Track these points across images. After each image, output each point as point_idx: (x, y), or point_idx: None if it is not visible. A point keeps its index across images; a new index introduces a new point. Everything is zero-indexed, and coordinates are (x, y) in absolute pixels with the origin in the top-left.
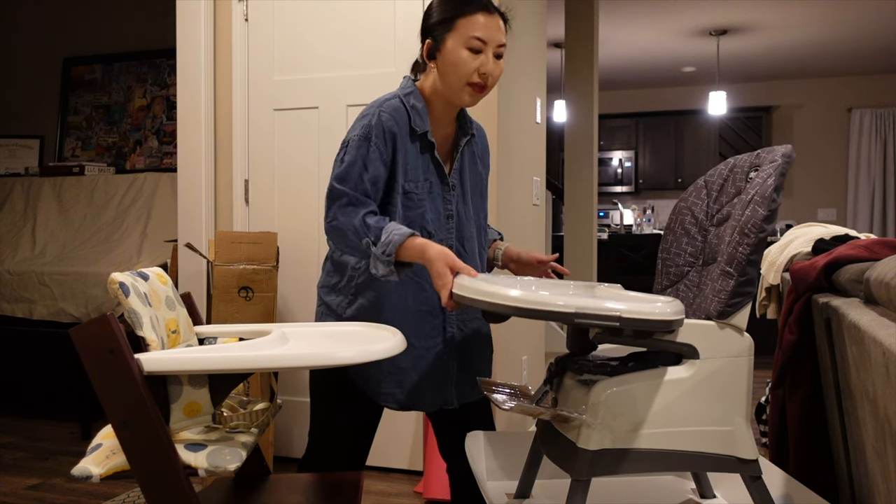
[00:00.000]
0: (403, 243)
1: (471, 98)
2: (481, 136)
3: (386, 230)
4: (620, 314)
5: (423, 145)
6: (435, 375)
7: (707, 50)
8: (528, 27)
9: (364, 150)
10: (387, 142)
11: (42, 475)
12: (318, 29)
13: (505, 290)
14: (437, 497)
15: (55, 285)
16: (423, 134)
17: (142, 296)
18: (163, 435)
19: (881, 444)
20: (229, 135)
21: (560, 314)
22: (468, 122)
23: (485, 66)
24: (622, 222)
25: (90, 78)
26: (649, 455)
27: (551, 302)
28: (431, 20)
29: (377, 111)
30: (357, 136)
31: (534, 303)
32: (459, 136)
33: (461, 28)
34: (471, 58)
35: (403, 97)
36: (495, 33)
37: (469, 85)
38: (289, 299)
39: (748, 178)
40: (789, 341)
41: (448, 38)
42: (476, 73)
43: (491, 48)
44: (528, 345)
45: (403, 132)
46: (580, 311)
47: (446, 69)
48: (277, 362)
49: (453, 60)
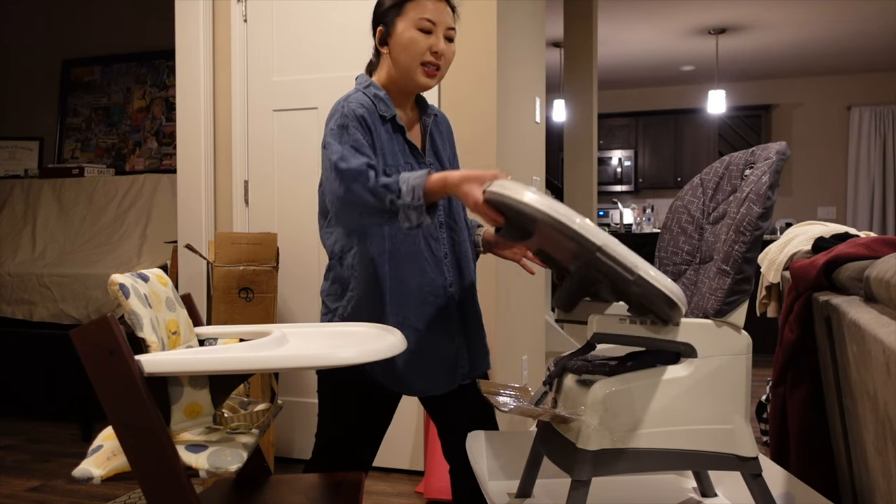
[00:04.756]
0: (427, 182)
1: (425, 79)
2: (443, 119)
3: (402, 180)
4: (639, 271)
5: (393, 129)
6: (446, 357)
7: (706, 49)
8: (528, 27)
9: (347, 136)
10: (363, 129)
11: (43, 477)
12: (318, 29)
13: (540, 197)
14: (438, 497)
15: (55, 287)
16: (391, 119)
17: (142, 297)
18: (163, 436)
19: (882, 443)
20: (229, 136)
21: (587, 240)
22: (427, 104)
23: (436, 45)
24: (622, 221)
25: (89, 79)
26: (649, 454)
27: (584, 225)
28: (381, 8)
29: (344, 104)
30: (336, 127)
31: (566, 216)
32: (422, 117)
33: (410, 11)
34: (422, 37)
35: (364, 90)
36: (444, 16)
37: (422, 65)
38: (289, 300)
39: (743, 175)
40: (789, 340)
41: (398, 21)
42: (428, 51)
43: (441, 29)
44: (529, 345)
45: (373, 119)
46: (606, 247)
47: (399, 52)
48: (278, 363)
49: (405, 42)
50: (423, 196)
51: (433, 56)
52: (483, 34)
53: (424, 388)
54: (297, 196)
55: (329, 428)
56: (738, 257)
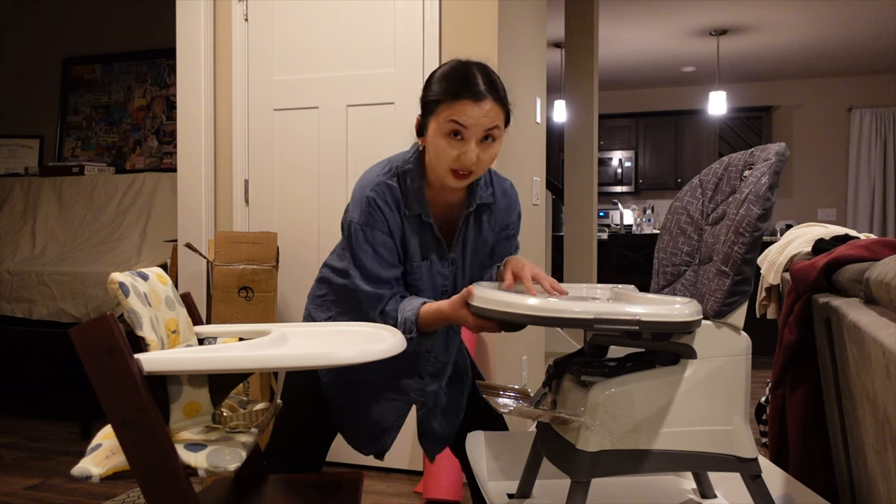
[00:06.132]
0: (418, 319)
1: (456, 181)
2: (501, 200)
3: (400, 311)
4: (640, 318)
5: (420, 225)
6: (380, 426)
7: (707, 50)
8: (529, 27)
9: (371, 237)
10: (387, 222)
11: (42, 475)
12: (318, 29)
13: (522, 300)
14: (437, 497)
15: (55, 285)
16: (416, 216)
17: (141, 296)
18: (162, 435)
19: (881, 445)
20: (229, 135)
21: (579, 321)
22: (478, 192)
23: (465, 155)
24: (622, 222)
25: (90, 78)
26: (648, 455)
27: (569, 309)
28: (425, 98)
29: (370, 196)
30: (358, 224)
31: (552, 311)
32: (465, 206)
33: (442, 113)
34: (449, 145)
35: (401, 174)
36: (481, 119)
37: (452, 171)
38: (289, 299)
39: (742, 176)
40: (789, 341)
41: (431, 121)
42: (456, 160)
43: (475, 133)
44: (528, 345)
45: (397, 216)
46: (599, 317)
47: (430, 151)
48: (277, 362)
49: (433, 147)
50: (415, 329)
51: (460, 166)
52: (484, 34)
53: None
54: (297, 195)
55: (286, 424)
56: (737, 258)
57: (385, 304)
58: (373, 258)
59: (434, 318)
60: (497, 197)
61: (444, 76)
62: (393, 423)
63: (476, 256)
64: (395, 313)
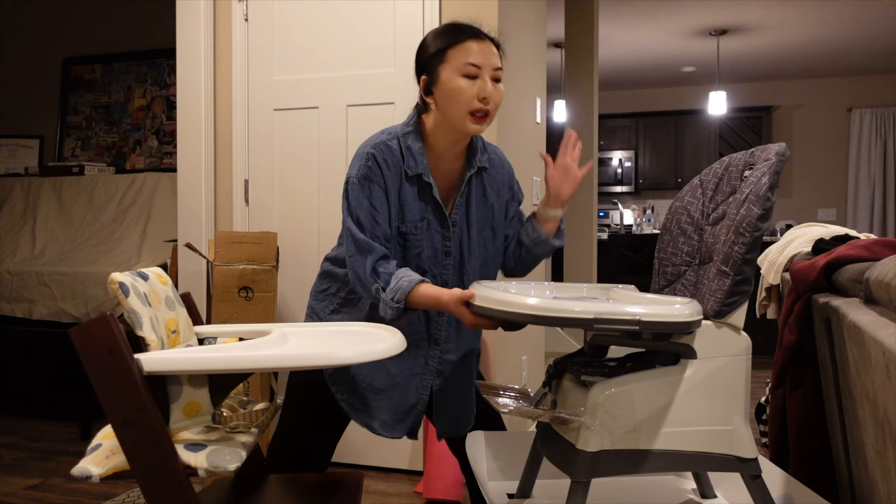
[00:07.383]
0: (412, 290)
1: (475, 126)
2: (498, 166)
3: (395, 276)
4: (640, 318)
5: (420, 186)
6: (407, 404)
7: (707, 50)
8: (528, 27)
9: (367, 191)
10: (385, 180)
11: (42, 475)
12: (318, 29)
13: (522, 299)
14: (437, 497)
15: (55, 285)
16: (417, 175)
17: (141, 296)
18: (162, 435)
19: (881, 444)
20: (229, 135)
21: (579, 320)
22: (477, 155)
23: (483, 90)
24: (622, 222)
25: (90, 78)
26: (648, 455)
27: (569, 309)
28: (424, 56)
29: (370, 152)
30: (356, 177)
31: (552, 310)
32: (466, 170)
33: (453, 57)
34: (468, 84)
35: (402, 136)
36: (489, 58)
37: (471, 113)
38: (289, 299)
39: (743, 176)
40: (789, 341)
41: (442, 69)
42: (476, 98)
43: (487, 72)
44: (528, 345)
45: (397, 173)
46: (599, 317)
47: (445, 101)
48: (277, 362)
49: (450, 90)
50: (404, 302)
51: (481, 102)
52: None
53: (376, 427)
54: (297, 195)
55: (287, 427)
56: (737, 258)
57: (377, 259)
58: (367, 210)
59: (429, 301)
60: (494, 162)
61: (439, 31)
62: (417, 399)
63: (483, 221)
64: (389, 277)
